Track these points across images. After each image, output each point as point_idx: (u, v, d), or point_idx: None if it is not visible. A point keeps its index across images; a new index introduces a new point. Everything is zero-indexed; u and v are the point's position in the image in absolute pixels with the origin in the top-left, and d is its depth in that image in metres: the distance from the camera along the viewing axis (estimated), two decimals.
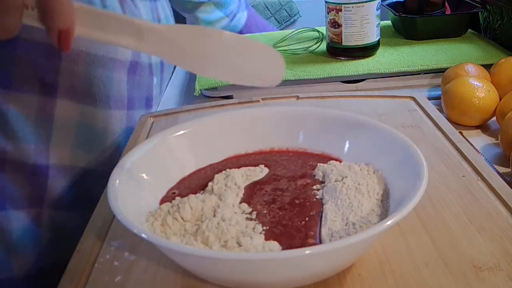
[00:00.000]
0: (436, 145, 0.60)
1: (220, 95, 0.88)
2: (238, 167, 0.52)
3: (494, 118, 0.71)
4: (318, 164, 0.52)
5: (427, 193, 0.47)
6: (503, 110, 0.68)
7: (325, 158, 0.54)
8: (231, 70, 0.44)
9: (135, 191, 0.46)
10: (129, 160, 0.48)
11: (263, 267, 0.37)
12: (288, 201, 0.47)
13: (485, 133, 0.71)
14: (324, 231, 0.42)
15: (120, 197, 0.42)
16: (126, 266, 0.44)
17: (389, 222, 0.36)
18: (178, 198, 0.47)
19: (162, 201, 0.48)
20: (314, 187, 0.49)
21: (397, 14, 1.04)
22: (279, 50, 1.02)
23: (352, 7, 0.91)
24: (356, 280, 0.41)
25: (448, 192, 0.51)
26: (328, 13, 0.94)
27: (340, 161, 0.52)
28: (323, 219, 0.44)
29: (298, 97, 0.76)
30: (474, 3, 1.05)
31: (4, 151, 0.67)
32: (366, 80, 0.90)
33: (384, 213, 0.44)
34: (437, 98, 0.81)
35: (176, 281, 0.42)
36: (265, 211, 0.46)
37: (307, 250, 0.35)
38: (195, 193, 0.49)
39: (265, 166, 0.53)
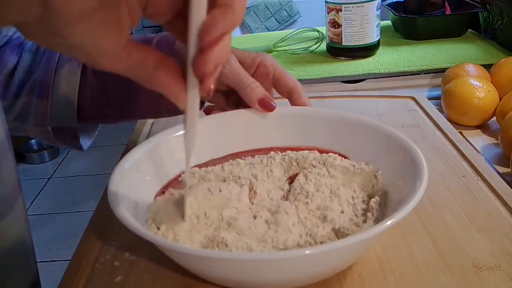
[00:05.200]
0: (436, 145, 0.60)
1: None
2: None
3: (494, 118, 0.71)
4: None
5: (427, 193, 0.47)
6: (503, 110, 0.68)
7: None
8: None
9: (135, 191, 0.46)
10: (129, 160, 0.48)
11: (263, 267, 0.37)
12: None
13: (485, 133, 0.71)
14: None
15: (121, 197, 0.42)
16: (126, 266, 0.44)
17: (389, 222, 0.36)
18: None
19: None
20: None
21: (397, 14, 1.04)
22: (279, 50, 1.02)
23: (352, 7, 0.91)
24: (356, 280, 0.41)
25: (448, 192, 0.51)
26: (328, 13, 0.94)
27: None
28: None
29: None
30: (474, 3, 1.05)
31: None
32: (366, 80, 0.90)
33: (384, 213, 0.44)
34: (437, 98, 0.81)
35: (176, 281, 0.42)
36: None
37: (307, 250, 0.35)
38: None
39: None
